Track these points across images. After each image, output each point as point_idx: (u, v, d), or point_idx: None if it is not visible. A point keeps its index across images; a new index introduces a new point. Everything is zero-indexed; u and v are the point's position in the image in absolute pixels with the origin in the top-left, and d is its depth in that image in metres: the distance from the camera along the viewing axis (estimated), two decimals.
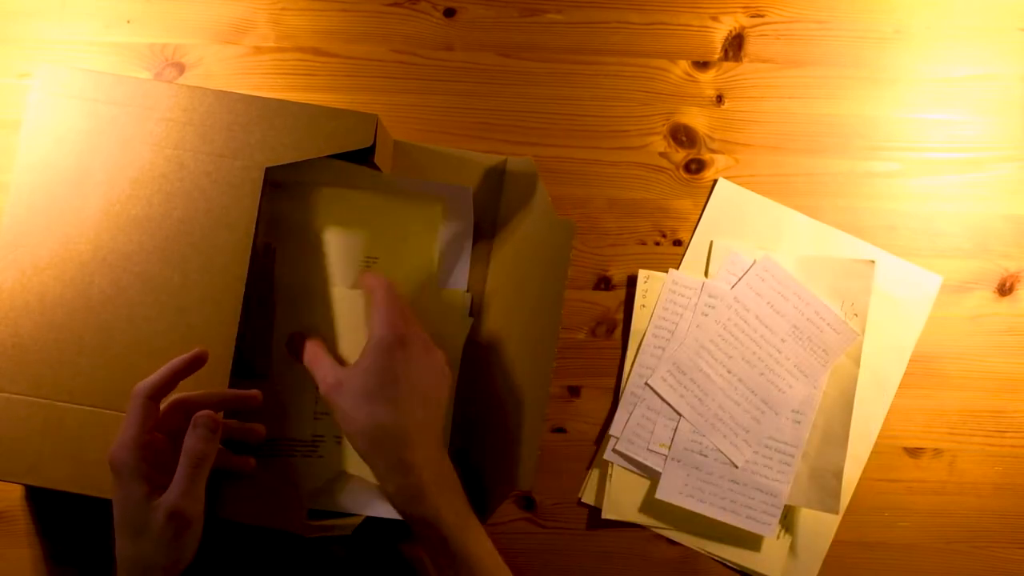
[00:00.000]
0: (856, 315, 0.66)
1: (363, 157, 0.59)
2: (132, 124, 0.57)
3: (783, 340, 0.66)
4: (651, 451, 0.66)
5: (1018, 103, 0.69)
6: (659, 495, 0.65)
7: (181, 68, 0.68)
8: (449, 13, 0.70)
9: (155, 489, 0.49)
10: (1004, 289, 0.68)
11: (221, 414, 0.52)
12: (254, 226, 0.56)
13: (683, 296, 0.67)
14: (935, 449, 0.67)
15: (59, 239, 0.56)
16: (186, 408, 0.52)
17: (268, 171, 0.56)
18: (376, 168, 0.60)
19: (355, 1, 0.70)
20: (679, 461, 0.66)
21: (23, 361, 0.55)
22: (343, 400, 0.52)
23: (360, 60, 0.69)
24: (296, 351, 0.58)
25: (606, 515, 0.65)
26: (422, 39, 0.69)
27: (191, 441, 0.49)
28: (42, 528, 0.64)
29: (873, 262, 0.66)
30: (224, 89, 0.57)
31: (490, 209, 0.65)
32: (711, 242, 0.68)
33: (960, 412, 0.67)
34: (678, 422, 0.66)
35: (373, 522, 0.60)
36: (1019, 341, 0.67)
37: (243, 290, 0.55)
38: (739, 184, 0.68)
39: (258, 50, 0.69)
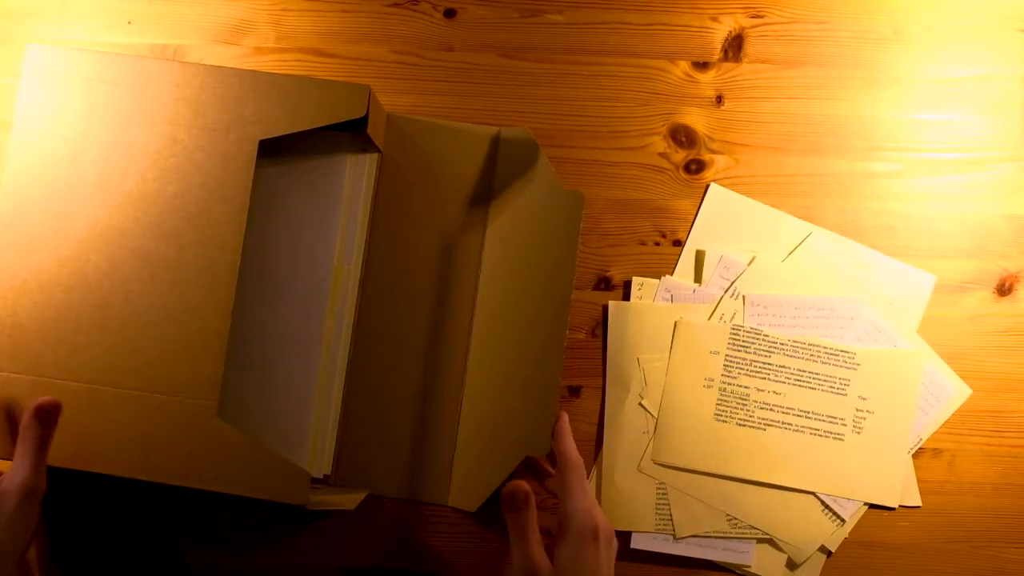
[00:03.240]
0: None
1: (357, 129, 0.59)
2: (125, 101, 0.57)
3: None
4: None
5: (1018, 103, 0.69)
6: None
7: None
8: (449, 14, 0.70)
9: None
10: (1003, 289, 0.68)
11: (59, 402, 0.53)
12: (249, 199, 0.56)
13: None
14: (934, 449, 0.67)
15: (55, 217, 0.56)
16: None
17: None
18: (370, 140, 0.60)
19: (356, 2, 0.70)
20: None
21: (21, 340, 0.56)
22: None
23: (360, 61, 0.69)
24: (510, 500, 0.54)
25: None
26: (422, 40, 0.69)
27: (35, 426, 0.51)
28: (41, 528, 0.64)
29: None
30: None
31: (485, 179, 0.65)
32: (704, 250, 0.67)
33: (959, 412, 0.67)
34: None
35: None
36: (1019, 341, 0.68)
37: (239, 263, 0.56)
38: (739, 185, 0.68)
39: (258, 51, 0.69)
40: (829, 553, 0.66)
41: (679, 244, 0.68)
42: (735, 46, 0.70)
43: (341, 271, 0.64)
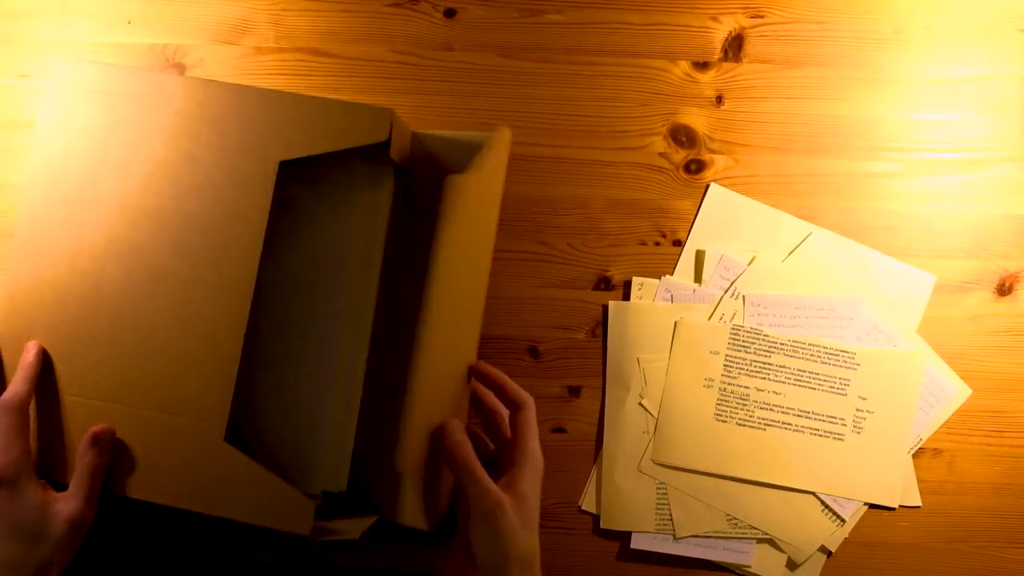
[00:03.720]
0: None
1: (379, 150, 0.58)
2: (145, 117, 0.56)
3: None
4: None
5: (1018, 103, 0.69)
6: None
7: (182, 69, 0.69)
8: (449, 14, 0.70)
9: (48, 495, 0.53)
10: (1003, 289, 0.68)
11: (113, 428, 0.54)
12: (267, 220, 0.55)
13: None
14: (934, 449, 0.67)
15: (73, 232, 0.56)
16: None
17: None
18: (392, 160, 0.59)
19: (355, 1, 0.70)
20: None
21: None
22: (504, 523, 0.53)
23: (360, 61, 0.69)
24: (444, 443, 0.55)
25: (605, 525, 0.66)
26: (422, 39, 0.69)
27: (91, 455, 0.53)
28: None
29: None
30: None
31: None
32: (704, 250, 0.67)
33: (959, 412, 0.67)
34: None
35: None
36: (1018, 341, 0.68)
37: (254, 283, 0.55)
38: (739, 185, 0.68)
39: (258, 50, 0.69)
40: (829, 553, 0.66)
41: (679, 244, 0.68)
42: (735, 46, 0.70)
43: (356, 292, 0.62)
